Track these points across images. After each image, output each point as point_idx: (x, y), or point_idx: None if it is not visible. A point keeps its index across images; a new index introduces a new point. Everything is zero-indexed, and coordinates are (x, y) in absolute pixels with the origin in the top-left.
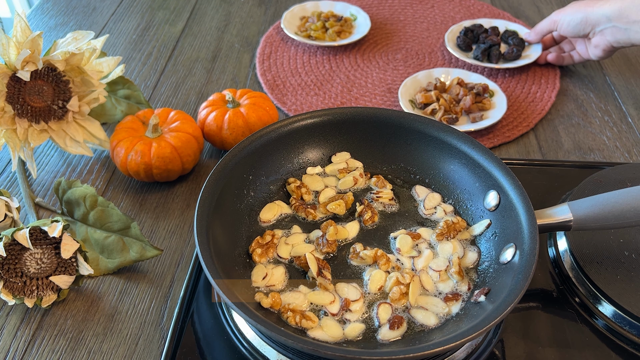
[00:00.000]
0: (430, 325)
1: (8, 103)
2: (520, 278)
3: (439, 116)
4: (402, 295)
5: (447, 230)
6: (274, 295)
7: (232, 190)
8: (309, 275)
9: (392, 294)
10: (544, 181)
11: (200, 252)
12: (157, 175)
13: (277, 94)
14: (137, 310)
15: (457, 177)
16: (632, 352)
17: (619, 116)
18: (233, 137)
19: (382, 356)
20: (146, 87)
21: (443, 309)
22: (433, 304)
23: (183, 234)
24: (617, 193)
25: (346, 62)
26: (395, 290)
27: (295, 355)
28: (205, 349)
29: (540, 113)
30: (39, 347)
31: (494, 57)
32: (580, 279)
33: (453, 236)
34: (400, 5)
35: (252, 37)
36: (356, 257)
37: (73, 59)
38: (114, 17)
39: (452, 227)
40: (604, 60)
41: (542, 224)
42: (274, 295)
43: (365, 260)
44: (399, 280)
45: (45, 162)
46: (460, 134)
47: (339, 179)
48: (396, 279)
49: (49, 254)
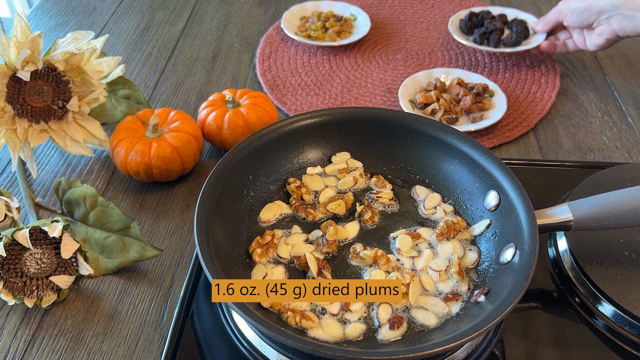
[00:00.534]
0: (430, 326)
1: (8, 103)
2: (520, 278)
3: (439, 116)
4: (402, 295)
5: (447, 230)
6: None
7: (232, 190)
8: (309, 275)
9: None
10: (544, 181)
11: (200, 252)
12: (157, 175)
13: (277, 94)
14: (137, 310)
15: (457, 177)
16: (632, 352)
17: (619, 116)
18: (233, 137)
19: (382, 356)
20: (146, 87)
21: (443, 309)
22: (433, 304)
23: (183, 234)
24: (617, 193)
25: (346, 62)
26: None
27: (295, 355)
28: (205, 349)
29: (540, 113)
30: (39, 347)
31: (492, 42)
32: (580, 279)
33: (453, 236)
34: (400, 5)
35: (252, 37)
36: (356, 257)
37: (73, 59)
38: (114, 17)
39: (452, 227)
40: (604, 61)
41: (542, 224)
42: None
43: (365, 260)
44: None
45: (45, 162)
46: (460, 134)
47: (339, 179)
48: (396, 279)
49: (49, 254)
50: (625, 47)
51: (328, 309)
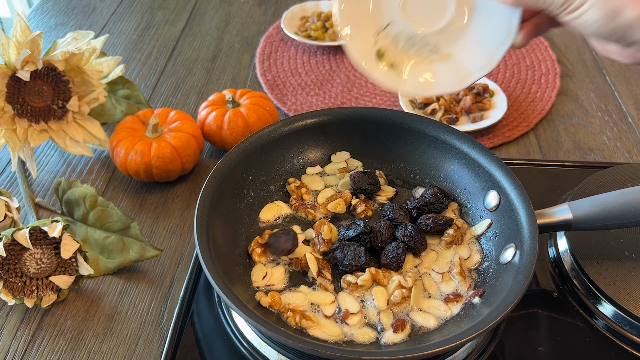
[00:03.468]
0: (431, 327)
1: (8, 103)
2: (520, 278)
3: (439, 116)
4: (403, 299)
5: (455, 237)
6: (273, 295)
7: (232, 190)
8: (309, 275)
9: (394, 298)
10: (544, 181)
11: (200, 252)
12: (157, 175)
13: (277, 94)
14: (137, 310)
15: (457, 177)
16: (632, 352)
17: (619, 116)
18: (233, 137)
19: (382, 356)
20: (146, 87)
21: (445, 311)
22: (435, 306)
23: (183, 234)
24: (617, 193)
25: (346, 62)
26: (397, 294)
27: (295, 355)
28: (205, 349)
29: (540, 113)
30: (39, 347)
31: None
32: (580, 279)
33: (460, 242)
34: None
35: (252, 37)
36: (356, 288)
37: (73, 59)
38: (114, 17)
39: (459, 233)
40: (604, 61)
41: (542, 223)
42: (273, 294)
43: (365, 286)
44: (401, 284)
45: (45, 162)
46: (460, 134)
47: (339, 178)
48: (398, 282)
49: (49, 254)
50: None
51: (323, 310)
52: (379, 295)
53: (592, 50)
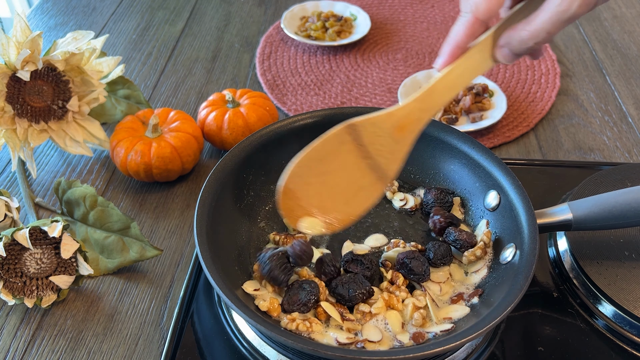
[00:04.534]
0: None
1: (8, 103)
2: (520, 278)
3: (438, 116)
4: (424, 319)
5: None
6: (273, 301)
7: (232, 190)
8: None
9: (415, 322)
10: (544, 181)
11: (200, 252)
12: (157, 175)
13: (277, 94)
14: (137, 310)
15: (457, 177)
16: (632, 352)
17: (619, 116)
18: (233, 137)
19: (382, 356)
20: (146, 87)
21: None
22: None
23: (183, 234)
24: (617, 193)
25: (346, 62)
26: (416, 316)
27: (295, 355)
28: (205, 349)
29: (540, 113)
30: (38, 347)
31: None
32: (580, 279)
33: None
34: (400, 5)
35: (252, 37)
36: (370, 317)
37: (73, 59)
38: (114, 17)
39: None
40: (604, 61)
41: (542, 223)
42: (273, 301)
43: (379, 312)
44: (416, 306)
45: (45, 162)
46: (460, 134)
47: None
48: (413, 305)
49: (48, 254)
50: (625, 47)
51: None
52: (393, 319)
53: (592, 50)
